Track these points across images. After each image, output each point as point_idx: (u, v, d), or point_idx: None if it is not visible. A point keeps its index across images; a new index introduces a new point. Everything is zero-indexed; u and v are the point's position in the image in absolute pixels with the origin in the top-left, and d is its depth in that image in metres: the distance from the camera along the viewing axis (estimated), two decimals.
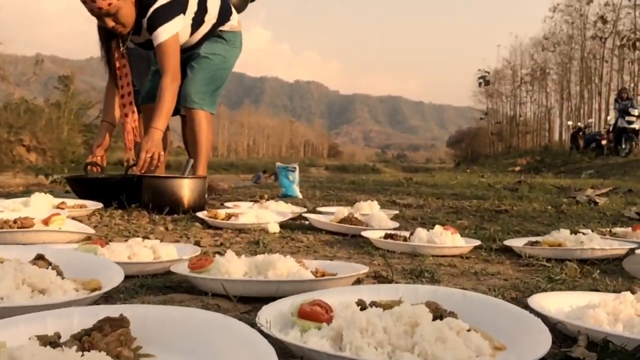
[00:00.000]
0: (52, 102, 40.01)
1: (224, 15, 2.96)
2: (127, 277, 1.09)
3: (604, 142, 16.40)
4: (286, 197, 3.55)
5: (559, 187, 5.05)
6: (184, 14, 2.71)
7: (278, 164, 3.75)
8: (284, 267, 1.03)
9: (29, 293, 0.85)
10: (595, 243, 1.69)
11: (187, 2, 2.72)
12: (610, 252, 1.65)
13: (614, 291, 1.28)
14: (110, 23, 2.57)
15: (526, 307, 1.00)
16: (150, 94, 2.98)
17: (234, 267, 1.02)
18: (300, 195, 3.62)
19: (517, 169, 19.02)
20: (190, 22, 2.80)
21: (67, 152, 35.80)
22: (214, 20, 2.92)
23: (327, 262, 1.27)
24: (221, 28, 2.98)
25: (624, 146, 14.78)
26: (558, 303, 0.98)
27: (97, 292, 0.89)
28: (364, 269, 1.14)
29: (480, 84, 41.39)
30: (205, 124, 2.96)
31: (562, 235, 1.80)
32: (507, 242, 1.81)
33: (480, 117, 51.45)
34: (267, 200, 3.18)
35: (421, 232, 1.77)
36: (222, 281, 0.98)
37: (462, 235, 2.08)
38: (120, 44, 2.79)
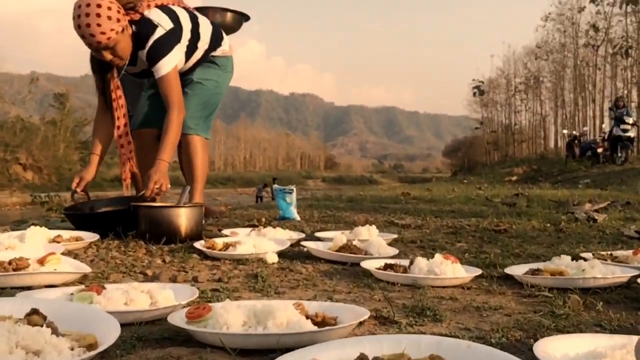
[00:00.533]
0: (48, 120, 40.16)
1: (215, 41, 2.96)
2: (124, 325, 1.07)
3: (599, 150, 16.46)
4: (284, 220, 3.54)
5: (556, 202, 5.04)
6: (180, 42, 2.71)
7: (275, 186, 3.74)
8: (283, 315, 1.01)
9: (23, 356, 0.83)
10: (597, 270, 1.68)
11: (182, 30, 2.72)
12: (612, 280, 1.63)
13: (619, 326, 1.27)
14: (108, 56, 2.56)
15: (530, 349, 0.98)
16: (144, 120, 2.97)
17: (232, 317, 1.00)
18: (298, 217, 3.60)
19: (514, 178, 19.05)
20: (185, 49, 2.79)
21: (63, 169, 35.75)
22: (206, 46, 2.92)
23: (327, 303, 1.25)
24: (213, 53, 2.98)
25: (619, 154, 14.84)
26: (563, 349, 0.96)
27: (92, 353, 0.87)
28: (364, 314, 1.12)
29: (474, 93, 41.59)
30: (201, 149, 2.96)
31: (563, 262, 1.79)
32: (508, 270, 1.79)
33: (475, 127, 51.64)
34: (265, 225, 3.17)
35: (421, 262, 1.76)
36: (221, 335, 0.96)
37: (462, 260, 2.07)
38: (116, 75, 2.78)
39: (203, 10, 3.17)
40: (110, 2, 2.48)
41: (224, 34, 3.05)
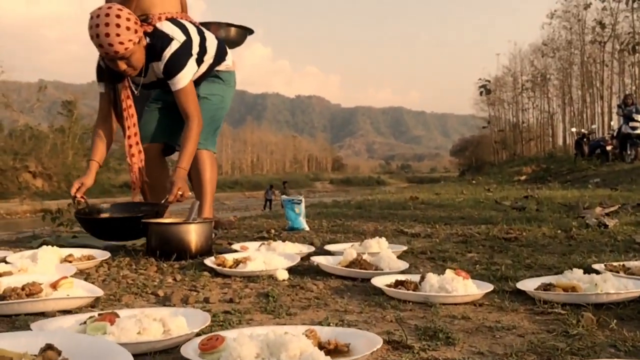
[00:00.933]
0: (56, 128, 40.45)
1: (220, 55, 2.98)
2: (137, 355, 1.07)
3: (608, 148, 16.34)
4: (293, 230, 3.54)
5: (566, 205, 5.01)
6: (192, 55, 2.74)
7: (283, 197, 3.75)
8: (296, 347, 1.01)
9: None
10: (610, 285, 1.67)
11: (192, 44, 2.73)
12: (625, 295, 1.62)
13: (633, 346, 1.26)
14: (122, 66, 2.58)
15: None
16: (148, 135, 2.99)
17: (245, 350, 1.00)
18: (307, 228, 3.60)
19: (523, 178, 18.97)
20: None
21: (72, 176, 35.99)
22: (211, 60, 2.93)
23: (340, 329, 1.25)
24: (217, 68, 3.00)
25: (629, 152, 14.73)
26: None
27: None
28: (377, 343, 1.12)
29: (481, 93, 41.42)
30: (210, 163, 2.99)
31: (575, 275, 1.78)
32: (520, 286, 1.78)
33: (483, 126, 51.42)
34: (275, 237, 3.18)
35: (432, 278, 1.75)
36: None
37: (473, 273, 2.07)
38: (127, 85, 2.78)
39: (206, 25, 3.19)
40: (128, 13, 2.52)
41: (227, 49, 3.06)
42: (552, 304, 1.62)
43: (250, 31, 3.51)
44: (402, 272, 2.04)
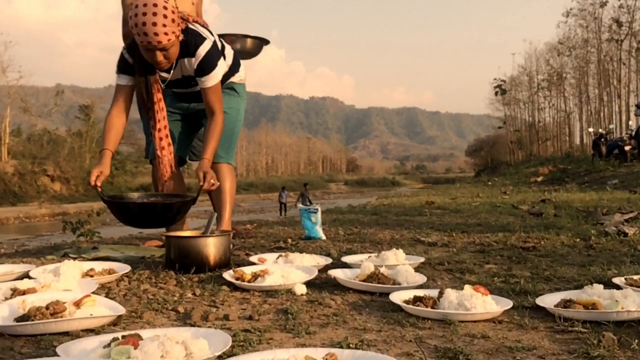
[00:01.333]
0: (73, 132, 40.90)
1: (235, 66, 3.02)
2: None
3: (627, 148, 16.16)
4: (310, 239, 3.55)
5: (585, 210, 4.96)
6: (222, 56, 2.80)
7: (300, 205, 3.77)
8: None
9: None
10: (631, 301, 1.66)
11: (219, 45, 2.77)
12: None
13: None
14: (160, 57, 2.57)
15: None
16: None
17: None
18: (323, 237, 3.61)
19: (540, 179, 18.80)
20: None
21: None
22: (227, 69, 2.95)
23: (360, 353, 1.26)
24: (232, 79, 3.03)
25: None
26: None
27: None
28: None
29: (496, 93, 41.13)
30: (230, 175, 3.03)
31: (596, 291, 1.77)
32: (540, 302, 1.77)
33: (498, 126, 51.03)
34: (292, 245, 3.20)
35: (451, 295, 1.75)
36: None
37: (491, 286, 2.07)
38: (158, 79, 2.80)
39: (221, 37, 3.22)
40: (173, 6, 2.54)
41: (240, 62, 3.09)
42: (572, 321, 1.61)
43: (266, 42, 3.53)
44: (420, 287, 2.04)
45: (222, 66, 2.78)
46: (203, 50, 2.67)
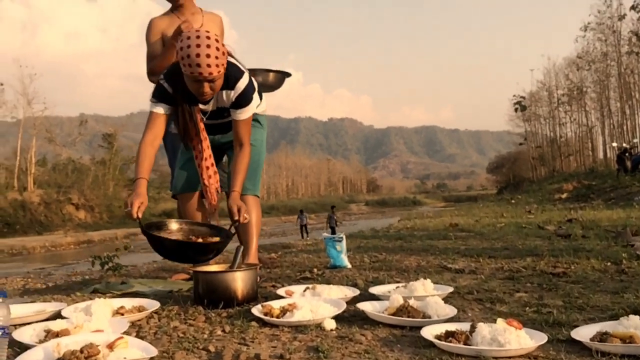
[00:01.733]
0: (97, 160, 41.59)
1: (259, 98, 3.05)
2: None
3: None
4: (335, 268, 3.54)
5: (614, 231, 4.87)
6: (256, 89, 2.83)
7: (324, 234, 3.76)
8: None
9: None
10: None
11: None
12: None
13: None
14: (207, 89, 2.58)
15: None
16: (186, 184, 3.06)
17: None
18: (349, 265, 3.60)
19: (564, 196, 18.52)
20: None
21: (113, 207, 36.82)
22: (259, 102, 2.99)
23: None
24: (256, 111, 3.06)
25: None
26: None
27: None
28: None
29: (516, 109, 40.86)
30: (256, 207, 3.05)
31: (632, 323, 1.73)
32: (575, 335, 1.74)
33: (520, 143, 50.52)
34: (318, 275, 3.19)
35: (483, 329, 1.73)
36: None
37: (523, 317, 2.03)
38: (201, 108, 2.83)
39: None
40: (219, 38, 2.58)
41: (262, 93, 3.14)
42: (610, 355, 1.57)
43: (287, 75, 3.58)
44: (451, 319, 2.02)
45: (257, 100, 2.82)
46: (242, 84, 2.70)
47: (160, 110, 2.75)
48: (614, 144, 25.57)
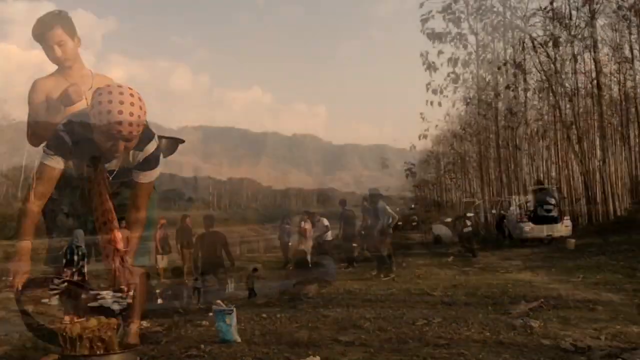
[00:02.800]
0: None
1: None
2: None
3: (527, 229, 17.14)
4: (224, 342, 3.41)
5: (491, 298, 5.15)
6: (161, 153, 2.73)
7: (214, 306, 3.63)
8: None
9: None
10: None
11: None
12: None
13: None
14: (121, 147, 2.39)
15: None
16: None
17: None
18: (238, 339, 3.48)
19: (450, 259, 19.38)
20: None
21: None
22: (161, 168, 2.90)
23: None
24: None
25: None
26: None
27: None
28: None
29: (407, 175, 43.09)
30: (141, 282, 2.87)
31: None
32: None
33: (410, 207, 52.93)
34: (204, 353, 3.04)
35: None
36: None
37: None
38: (105, 169, 2.60)
39: None
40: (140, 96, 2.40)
41: None
42: None
43: (180, 141, 3.52)
44: None
45: (161, 164, 2.70)
46: (152, 146, 2.56)
47: (54, 164, 2.47)
48: (493, 211, 27.41)
